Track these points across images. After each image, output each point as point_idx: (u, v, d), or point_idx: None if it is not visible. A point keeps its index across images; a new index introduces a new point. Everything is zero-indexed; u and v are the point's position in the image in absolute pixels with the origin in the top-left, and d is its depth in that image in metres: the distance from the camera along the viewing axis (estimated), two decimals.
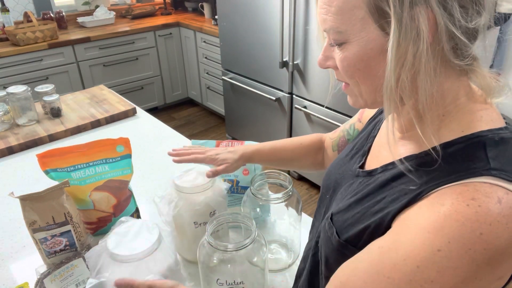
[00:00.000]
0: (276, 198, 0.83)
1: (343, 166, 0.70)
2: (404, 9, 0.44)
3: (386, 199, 0.53)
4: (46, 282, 0.78)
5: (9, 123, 1.47)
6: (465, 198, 0.44)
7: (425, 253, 0.44)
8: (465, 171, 0.46)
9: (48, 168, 0.87)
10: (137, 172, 0.98)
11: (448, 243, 0.43)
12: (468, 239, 0.42)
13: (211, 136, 3.37)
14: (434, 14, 0.44)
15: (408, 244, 0.46)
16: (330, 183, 0.71)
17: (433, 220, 0.44)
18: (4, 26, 2.93)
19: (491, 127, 0.49)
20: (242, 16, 2.54)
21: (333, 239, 0.59)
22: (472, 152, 0.48)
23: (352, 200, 0.59)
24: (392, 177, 0.55)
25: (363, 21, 0.48)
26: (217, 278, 0.70)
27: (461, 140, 0.49)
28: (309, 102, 2.32)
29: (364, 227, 0.54)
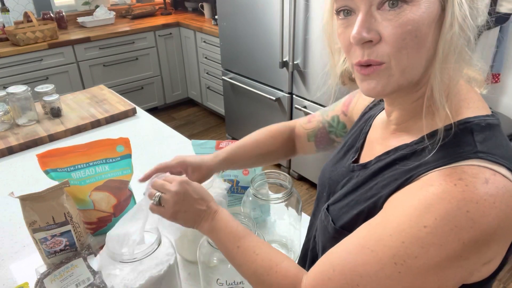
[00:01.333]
0: (276, 198, 0.83)
1: (337, 163, 0.71)
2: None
3: (378, 184, 0.55)
4: (46, 282, 0.78)
5: (9, 123, 1.47)
6: (452, 178, 0.45)
7: (410, 229, 0.45)
8: (453, 156, 0.47)
9: (48, 168, 0.87)
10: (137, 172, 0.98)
11: (434, 219, 0.43)
12: (455, 216, 0.43)
13: (211, 136, 3.37)
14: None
15: (395, 221, 0.47)
16: (325, 181, 0.72)
17: (421, 199, 0.46)
18: (4, 26, 2.93)
19: (477, 114, 0.51)
20: (242, 16, 2.54)
21: (329, 227, 0.60)
22: (460, 138, 0.49)
23: (347, 190, 0.61)
24: (384, 165, 0.56)
25: None
26: (217, 278, 0.70)
27: (449, 127, 0.50)
28: (309, 102, 2.32)
29: (358, 212, 0.56)
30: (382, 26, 0.47)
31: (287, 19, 2.19)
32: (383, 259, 0.46)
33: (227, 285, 0.70)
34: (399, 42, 0.47)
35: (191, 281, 0.86)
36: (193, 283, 0.85)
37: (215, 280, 0.71)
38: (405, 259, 0.45)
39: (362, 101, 0.77)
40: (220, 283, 0.70)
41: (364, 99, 0.77)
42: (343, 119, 0.83)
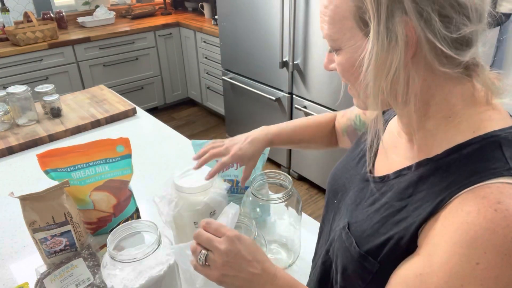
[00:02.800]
0: (276, 198, 0.83)
1: (351, 170, 0.69)
2: (381, 21, 0.46)
3: (407, 208, 0.52)
4: (46, 282, 0.78)
5: (9, 123, 1.47)
6: (490, 202, 0.43)
7: (464, 270, 0.43)
8: (485, 172, 0.46)
9: (48, 168, 0.87)
10: (137, 172, 0.98)
11: (484, 253, 0.42)
12: (502, 245, 0.42)
13: (211, 136, 3.37)
14: (412, 23, 0.46)
15: (444, 264, 0.45)
16: (338, 187, 0.70)
17: (464, 232, 0.44)
18: (4, 26, 2.93)
19: (502, 126, 0.49)
20: (242, 16, 2.54)
21: (352, 250, 0.57)
22: (489, 152, 0.47)
23: (370, 210, 0.58)
24: (409, 184, 0.54)
25: (352, 30, 0.51)
26: None
27: (475, 141, 0.49)
28: (309, 102, 2.32)
29: (386, 238, 0.53)
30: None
31: (287, 19, 2.19)
32: None
33: None
34: (342, 77, 0.57)
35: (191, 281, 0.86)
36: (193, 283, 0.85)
37: None
38: None
39: None
40: None
41: None
42: (364, 118, 0.84)
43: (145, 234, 0.76)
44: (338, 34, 0.53)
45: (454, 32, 0.46)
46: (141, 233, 0.76)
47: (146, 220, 0.75)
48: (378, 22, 0.47)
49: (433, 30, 0.45)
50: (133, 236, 0.74)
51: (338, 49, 0.55)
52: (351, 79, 0.55)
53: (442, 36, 0.46)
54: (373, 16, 0.47)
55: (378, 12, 0.46)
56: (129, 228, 0.74)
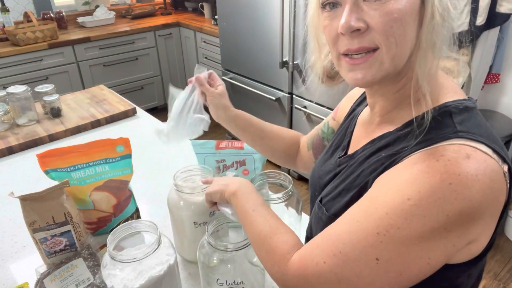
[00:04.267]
0: (276, 198, 0.83)
1: (325, 162, 0.73)
2: None
3: (365, 171, 0.57)
4: (46, 282, 0.78)
5: (9, 123, 1.47)
6: (434, 155, 0.47)
7: (394, 201, 0.46)
8: (435, 138, 0.49)
9: (48, 168, 0.87)
10: (137, 172, 0.98)
11: (418, 192, 0.45)
12: (438, 188, 0.44)
13: (211, 136, 3.37)
14: None
15: (381, 195, 0.49)
16: (315, 181, 0.74)
17: (406, 175, 0.48)
18: (4, 26, 2.93)
19: (455, 98, 0.53)
20: (242, 16, 2.54)
21: (323, 217, 0.62)
22: (440, 121, 0.51)
23: (337, 182, 0.63)
24: (369, 154, 0.58)
25: None
26: (217, 278, 0.70)
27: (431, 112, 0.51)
28: (309, 102, 2.32)
29: (349, 199, 0.58)
30: (368, 16, 0.49)
31: (287, 19, 2.19)
32: (367, 228, 0.48)
33: (227, 285, 0.70)
34: (387, 29, 0.49)
35: (191, 281, 0.86)
36: (193, 283, 0.85)
37: (215, 280, 0.71)
38: (388, 229, 0.46)
39: (346, 102, 0.80)
40: (220, 283, 0.70)
41: (348, 100, 0.80)
42: (332, 124, 0.86)
43: (145, 234, 0.76)
44: None
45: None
46: (141, 233, 0.76)
47: (146, 220, 0.75)
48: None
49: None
50: (133, 236, 0.74)
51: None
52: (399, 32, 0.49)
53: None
54: None
55: None
56: (129, 228, 0.74)
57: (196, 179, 0.88)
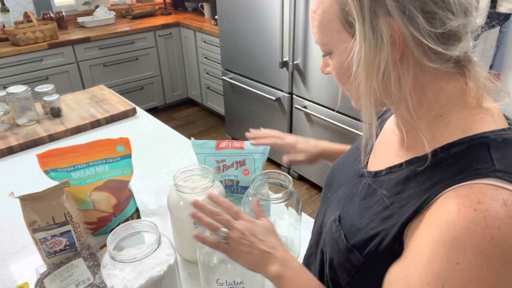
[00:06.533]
0: (276, 198, 0.83)
1: (348, 165, 0.70)
2: (365, 21, 0.47)
3: (394, 205, 0.53)
4: (46, 282, 0.78)
5: (9, 123, 1.47)
6: (471, 202, 0.43)
7: (445, 270, 0.44)
8: (469, 172, 0.46)
9: (48, 168, 0.87)
10: (137, 172, 0.98)
11: (464, 253, 0.42)
12: (482, 245, 0.42)
13: (211, 136, 3.37)
14: (397, 23, 0.46)
15: (427, 265, 0.45)
16: (333, 181, 0.71)
17: (444, 231, 0.44)
18: (4, 26, 2.93)
19: (493, 128, 0.49)
20: (242, 16, 2.54)
21: (340, 243, 0.59)
22: (476, 153, 0.48)
23: (361, 205, 0.59)
24: (398, 182, 0.54)
25: (340, 33, 0.52)
26: (217, 278, 0.70)
27: (464, 141, 0.49)
28: (309, 102, 2.32)
29: (373, 234, 0.54)
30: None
31: (287, 19, 2.19)
32: None
33: (227, 285, 0.70)
34: (337, 80, 0.57)
35: (191, 281, 0.86)
36: (193, 283, 0.85)
37: (215, 280, 0.71)
38: None
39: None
40: (220, 283, 0.70)
41: None
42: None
43: (145, 234, 0.76)
44: (327, 38, 0.54)
45: (439, 27, 0.46)
46: (141, 233, 0.76)
47: (146, 220, 0.75)
48: (362, 22, 0.47)
49: (417, 27, 0.46)
50: (133, 236, 0.74)
51: (330, 53, 0.55)
52: (344, 81, 0.56)
53: (427, 32, 0.46)
54: (357, 17, 0.47)
55: (362, 12, 0.47)
56: (129, 228, 0.74)
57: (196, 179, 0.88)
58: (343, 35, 0.51)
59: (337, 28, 0.52)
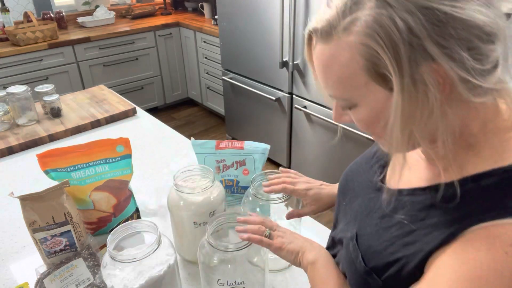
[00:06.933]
0: (276, 198, 0.83)
1: (363, 174, 0.67)
2: (404, 74, 0.43)
3: (418, 232, 0.50)
4: (46, 282, 0.78)
5: (9, 123, 1.47)
6: (502, 243, 0.41)
7: None
8: (501, 210, 0.43)
9: (48, 168, 0.87)
10: (137, 172, 0.98)
11: None
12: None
13: (211, 136, 3.37)
14: (442, 67, 0.42)
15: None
16: (348, 190, 0.69)
17: (471, 268, 0.42)
18: (4, 26, 2.93)
19: None
20: (242, 16, 2.54)
21: (357, 264, 0.57)
22: (509, 188, 0.44)
23: (380, 225, 0.56)
24: (423, 207, 0.51)
25: (367, 85, 0.47)
26: (218, 278, 0.70)
27: (496, 173, 0.45)
28: (309, 102, 2.32)
29: (394, 260, 0.51)
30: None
31: (287, 19, 2.19)
32: None
33: (228, 285, 0.70)
34: (365, 131, 0.53)
35: (191, 281, 0.86)
36: (193, 283, 0.85)
37: (215, 280, 0.71)
38: None
39: None
40: (221, 283, 0.70)
41: None
42: None
43: (145, 234, 0.76)
44: (350, 92, 0.49)
45: (485, 62, 0.43)
46: (141, 233, 0.76)
47: (146, 220, 0.75)
48: (401, 75, 0.43)
49: (464, 67, 0.42)
50: (133, 236, 0.74)
51: (354, 106, 0.51)
52: (376, 131, 0.52)
53: (473, 69, 0.42)
54: (394, 70, 0.43)
55: (399, 64, 0.43)
56: (129, 228, 0.74)
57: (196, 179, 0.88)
58: (372, 87, 0.47)
59: (363, 80, 0.47)
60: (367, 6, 0.44)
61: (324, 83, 0.51)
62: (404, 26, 0.42)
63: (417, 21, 0.41)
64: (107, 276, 0.69)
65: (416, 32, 0.41)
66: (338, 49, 0.47)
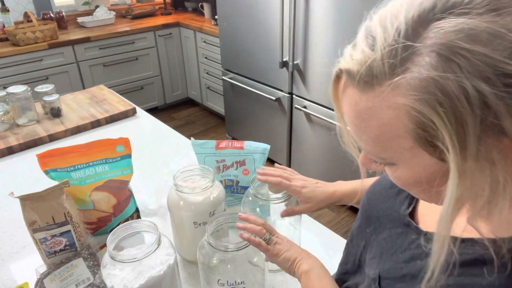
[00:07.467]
0: (276, 198, 0.83)
1: (388, 201, 0.61)
2: (468, 154, 0.34)
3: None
4: (46, 282, 0.78)
5: (9, 123, 1.47)
6: None
7: None
8: None
9: (48, 168, 0.87)
10: (137, 172, 0.98)
11: None
12: None
13: (211, 136, 3.37)
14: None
15: None
16: (372, 217, 0.63)
17: None
18: (4, 26, 2.93)
19: None
20: (242, 16, 2.54)
21: None
22: None
23: (405, 269, 0.50)
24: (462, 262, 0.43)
25: (413, 150, 0.39)
26: (218, 278, 0.70)
27: None
28: (309, 102, 2.32)
29: None
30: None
31: (287, 19, 2.19)
32: None
33: (228, 286, 0.70)
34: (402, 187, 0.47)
35: (191, 281, 0.86)
36: (193, 283, 0.85)
37: (215, 281, 0.71)
38: None
39: None
40: (221, 283, 0.70)
41: None
42: None
43: (145, 234, 0.76)
44: (389, 153, 0.41)
45: None
46: (141, 233, 0.76)
47: (146, 220, 0.75)
48: (463, 157, 0.35)
49: None
50: (133, 236, 0.74)
51: (391, 164, 0.44)
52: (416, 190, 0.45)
53: None
54: (455, 150, 0.34)
55: (463, 145, 0.34)
56: (129, 228, 0.74)
57: (196, 179, 0.88)
58: (418, 152, 0.39)
59: (408, 145, 0.39)
60: (424, 61, 0.34)
61: (357, 136, 0.44)
62: (477, 98, 0.32)
63: (496, 92, 0.32)
64: (107, 276, 0.69)
65: (492, 106, 0.32)
66: (379, 105, 0.38)
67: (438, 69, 0.33)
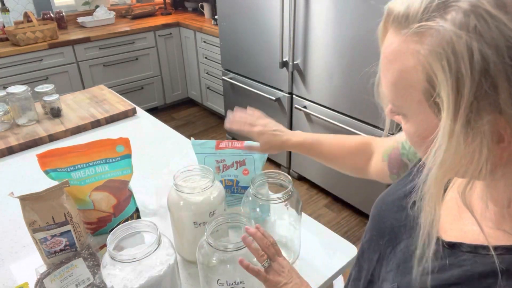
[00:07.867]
0: (276, 198, 0.83)
1: (402, 211, 0.58)
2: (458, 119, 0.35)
3: None
4: (46, 282, 0.78)
5: (9, 123, 1.47)
6: None
7: None
8: None
9: (48, 168, 0.87)
10: (137, 172, 0.98)
11: None
12: None
13: (211, 136, 3.37)
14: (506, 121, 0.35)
15: None
16: (385, 229, 0.60)
17: None
18: (4, 26, 2.93)
19: None
20: (242, 16, 2.54)
21: None
22: None
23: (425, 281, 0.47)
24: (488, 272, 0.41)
25: (420, 104, 0.40)
26: (217, 278, 0.70)
27: None
28: (309, 102, 2.32)
29: None
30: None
31: (287, 19, 2.19)
32: None
33: (228, 285, 0.70)
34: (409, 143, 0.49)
35: (191, 281, 0.86)
36: (193, 283, 0.85)
37: (215, 280, 0.71)
38: None
39: None
40: (220, 283, 0.70)
41: None
42: None
43: (145, 234, 0.76)
44: (401, 101, 0.43)
45: None
46: (141, 233, 0.76)
47: (146, 220, 0.75)
48: (454, 119, 0.35)
49: None
50: (133, 236, 0.75)
51: (403, 115, 0.45)
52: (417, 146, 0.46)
53: None
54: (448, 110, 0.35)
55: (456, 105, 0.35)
56: (129, 228, 0.74)
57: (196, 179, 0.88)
58: (424, 108, 0.40)
59: (418, 98, 0.40)
60: (451, 15, 0.35)
61: (382, 77, 0.45)
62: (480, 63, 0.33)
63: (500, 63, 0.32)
64: (107, 276, 0.69)
65: (493, 76, 0.33)
66: (405, 50, 0.39)
67: (456, 26, 0.34)
